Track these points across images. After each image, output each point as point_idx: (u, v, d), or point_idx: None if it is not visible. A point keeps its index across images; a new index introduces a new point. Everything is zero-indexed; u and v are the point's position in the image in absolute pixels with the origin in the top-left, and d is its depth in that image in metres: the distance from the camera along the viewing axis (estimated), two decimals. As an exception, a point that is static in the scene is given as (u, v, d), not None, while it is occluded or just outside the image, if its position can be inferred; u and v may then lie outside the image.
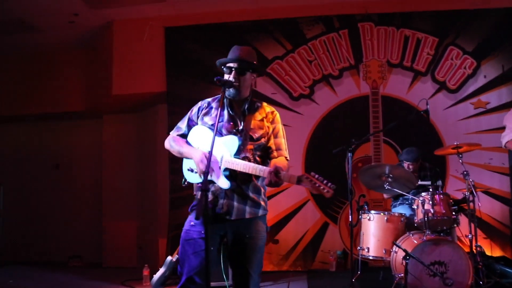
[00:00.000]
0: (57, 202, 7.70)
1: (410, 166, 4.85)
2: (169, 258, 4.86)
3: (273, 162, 2.50)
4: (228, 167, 2.42)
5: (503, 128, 3.78)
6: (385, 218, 4.22)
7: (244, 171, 2.38)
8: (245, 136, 2.50)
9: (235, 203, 2.47)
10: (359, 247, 4.40)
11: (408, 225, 4.26)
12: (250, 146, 2.51)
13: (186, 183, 2.62)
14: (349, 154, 4.12)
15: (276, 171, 2.28)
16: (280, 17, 6.22)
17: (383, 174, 4.22)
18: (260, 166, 2.38)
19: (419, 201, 4.11)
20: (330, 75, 6.08)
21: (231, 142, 2.46)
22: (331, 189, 2.22)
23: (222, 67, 2.58)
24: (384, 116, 5.94)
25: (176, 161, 6.57)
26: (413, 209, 4.41)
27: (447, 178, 5.77)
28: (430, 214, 4.02)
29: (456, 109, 5.86)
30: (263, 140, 2.56)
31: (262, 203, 2.59)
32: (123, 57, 6.39)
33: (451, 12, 5.93)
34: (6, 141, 8.07)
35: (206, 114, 2.62)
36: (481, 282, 3.92)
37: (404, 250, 3.64)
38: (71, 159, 7.83)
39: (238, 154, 2.44)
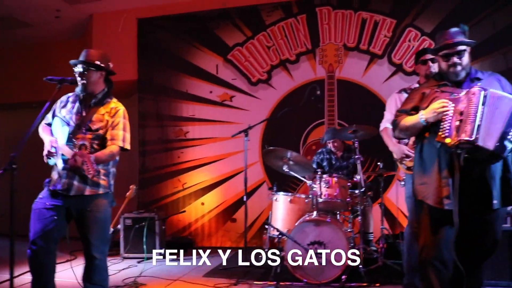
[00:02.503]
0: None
1: (335, 144, 5.09)
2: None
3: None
4: (61, 152, 2.83)
5: None
6: (289, 199, 4.33)
7: (65, 154, 2.79)
8: (79, 127, 2.90)
9: (75, 182, 2.89)
10: (267, 226, 4.57)
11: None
12: (89, 136, 2.95)
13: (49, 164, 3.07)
14: (246, 138, 4.32)
15: (74, 156, 2.70)
16: (242, 5, 6.41)
17: (284, 157, 4.36)
18: (70, 150, 2.78)
19: (308, 183, 4.22)
20: (287, 60, 6.21)
21: (65, 131, 2.89)
22: (94, 172, 2.64)
23: (73, 67, 3.02)
24: (340, 100, 6.00)
25: (145, 144, 6.90)
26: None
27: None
28: (317, 196, 4.11)
29: (412, 91, 5.79)
30: (101, 132, 2.97)
31: (103, 182, 2.97)
32: (100, 48, 6.85)
33: (410, -7, 5.84)
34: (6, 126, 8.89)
35: (63, 107, 3.07)
36: (361, 265, 3.96)
37: (277, 230, 3.79)
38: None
39: (69, 141, 2.86)
